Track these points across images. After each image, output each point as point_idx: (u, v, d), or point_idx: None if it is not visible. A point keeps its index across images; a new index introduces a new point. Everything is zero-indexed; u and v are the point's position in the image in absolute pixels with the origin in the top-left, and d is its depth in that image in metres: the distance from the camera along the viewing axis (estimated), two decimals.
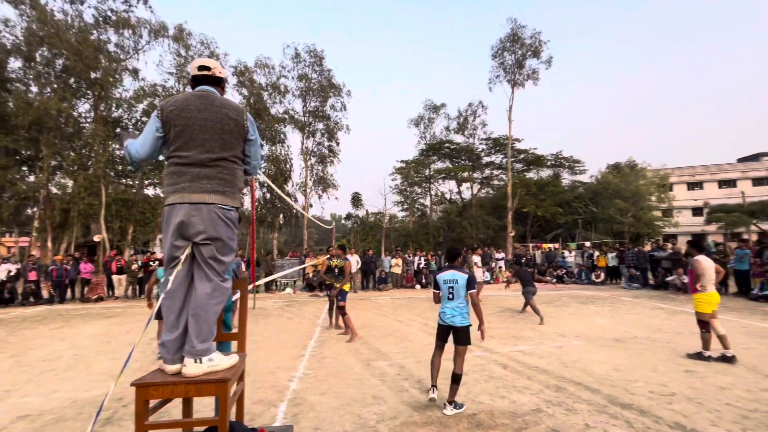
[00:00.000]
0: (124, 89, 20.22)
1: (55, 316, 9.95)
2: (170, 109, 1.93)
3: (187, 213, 1.88)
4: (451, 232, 26.24)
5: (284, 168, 23.61)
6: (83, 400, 4.12)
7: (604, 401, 3.83)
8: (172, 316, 1.93)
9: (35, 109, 16.24)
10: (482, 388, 4.27)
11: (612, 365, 4.98)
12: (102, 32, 19.30)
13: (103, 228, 18.11)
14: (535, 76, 23.99)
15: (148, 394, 1.75)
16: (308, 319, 8.89)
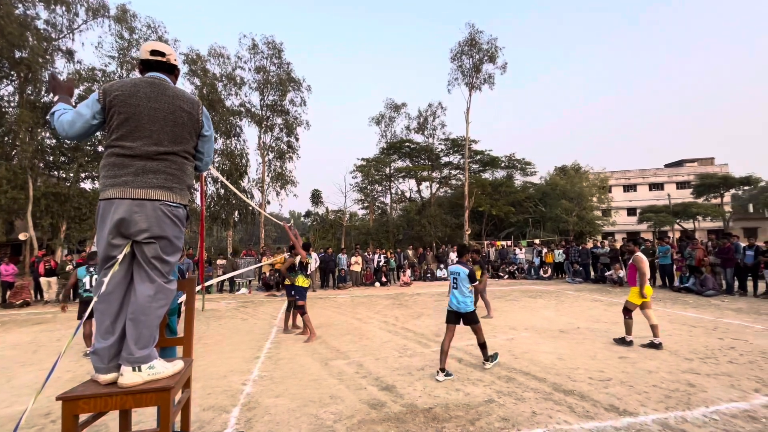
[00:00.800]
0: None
1: None
2: (115, 93, 1.76)
3: (129, 209, 1.72)
4: (411, 230, 26.65)
5: (240, 163, 22.59)
6: (4, 416, 3.68)
7: (550, 389, 4.08)
8: (107, 321, 1.76)
9: None
10: (437, 382, 4.37)
11: (557, 355, 5.32)
12: (29, 6, 17.29)
13: (31, 225, 16.29)
14: (491, 80, 24.97)
15: (77, 408, 1.59)
16: (264, 319, 8.61)
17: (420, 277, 16.99)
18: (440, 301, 10.79)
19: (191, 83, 21.65)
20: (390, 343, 6.22)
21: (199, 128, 1.92)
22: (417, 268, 17.36)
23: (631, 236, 23.62)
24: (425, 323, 7.74)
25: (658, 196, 39.11)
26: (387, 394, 4.07)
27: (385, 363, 5.14)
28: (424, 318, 8.31)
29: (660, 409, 3.53)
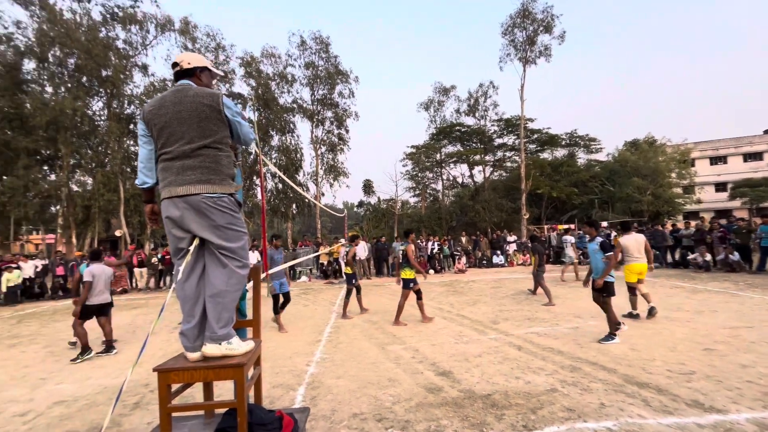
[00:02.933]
0: (134, 85, 20.51)
1: None
2: (148, 110, 1.99)
3: (178, 207, 1.92)
4: (464, 216, 26.08)
5: (295, 158, 23.68)
6: (113, 386, 4.33)
7: (621, 380, 3.81)
8: (187, 306, 2.00)
9: (51, 109, 16.64)
10: (497, 369, 4.30)
11: (629, 345, 4.94)
12: (110, 29, 19.48)
13: (123, 223, 18.66)
14: (548, 52, 23.21)
15: (169, 379, 1.83)
16: (323, 306, 9.05)
17: (475, 264, 16.63)
18: (497, 288, 10.50)
19: (247, 84, 22.99)
20: (445, 329, 6.22)
21: (224, 116, 2.02)
22: (472, 255, 17.00)
23: (720, 214, 20.87)
24: (481, 310, 7.59)
25: (755, 167, 33.83)
26: (444, 379, 4.09)
27: (441, 349, 5.16)
28: (480, 305, 8.16)
29: (756, 408, 3.14)
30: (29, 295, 12.59)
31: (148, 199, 2.13)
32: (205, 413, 2.26)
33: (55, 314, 9.79)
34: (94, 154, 19.36)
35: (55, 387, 4.42)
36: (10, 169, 17.20)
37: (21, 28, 18.01)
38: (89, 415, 3.60)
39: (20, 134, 17.18)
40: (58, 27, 17.30)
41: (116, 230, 19.69)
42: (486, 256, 16.74)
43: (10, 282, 11.81)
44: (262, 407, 2.15)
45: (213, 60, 21.95)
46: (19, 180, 16.62)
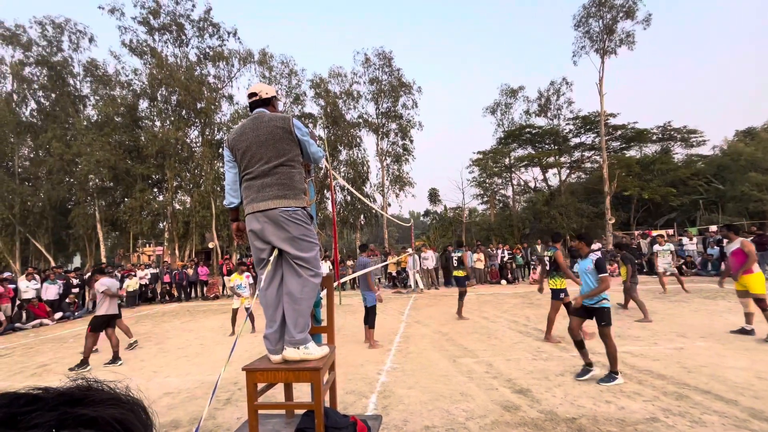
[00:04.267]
0: (222, 114, 23.19)
1: (185, 312, 11.84)
2: (232, 137, 2.26)
3: (259, 221, 2.13)
4: (539, 222, 24.44)
5: (362, 170, 24.53)
6: (209, 382, 4.84)
7: (744, 414, 3.20)
8: (269, 311, 2.18)
9: (159, 140, 19.59)
10: (582, 390, 3.90)
11: (754, 372, 4.13)
12: (203, 67, 22.39)
13: (215, 236, 21.01)
14: (630, 39, 21.00)
15: (255, 378, 1.99)
16: (392, 315, 9.11)
17: None
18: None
19: (317, 104, 24.54)
20: (521, 344, 5.84)
21: (295, 136, 2.22)
22: None
23: None
24: (563, 324, 6.97)
25: None
26: (521, 397, 3.83)
27: (518, 365, 4.84)
28: (560, 319, 7.50)
29: None
30: (144, 299, 14.75)
31: (234, 217, 2.39)
32: (286, 413, 2.40)
33: (163, 316, 11.30)
34: (192, 177, 22.21)
35: (164, 380, 5.07)
36: (130, 192, 20.52)
37: (137, 75, 21.62)
38: (190, 407, 4.06)
39: (137, 163, 20.46)
40: (164, 70, 20.39)
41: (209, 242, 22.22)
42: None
43: (130, 287, 13.97)
44: (337, 411, 2.23)
45: (287, 84, 23.90)
46: (137, 201, 19.74)
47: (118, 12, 20.36)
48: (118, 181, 20.88)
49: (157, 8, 20.53)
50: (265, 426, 2.24)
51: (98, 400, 0.29)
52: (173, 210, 21.24)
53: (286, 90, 23.78)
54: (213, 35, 22.32)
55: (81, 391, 0.30)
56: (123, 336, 6.80)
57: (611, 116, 24.49)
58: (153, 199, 21.55)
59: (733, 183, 21.99)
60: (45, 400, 0.27)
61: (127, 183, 20.78)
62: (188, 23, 21.55)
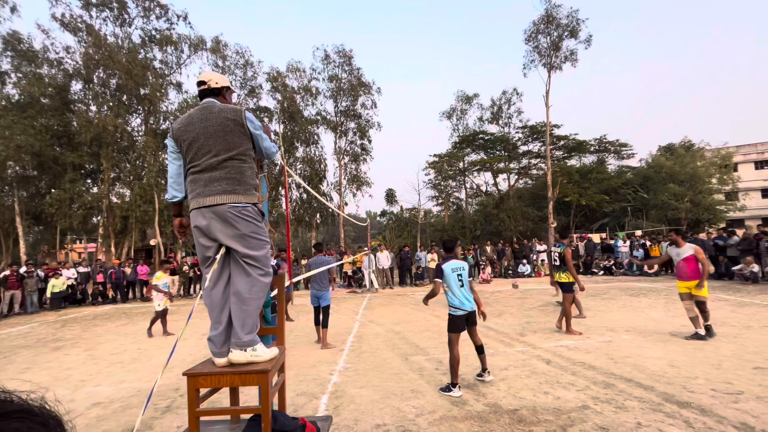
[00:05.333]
0: (169, 102, 21.65)
1: (120, 314, 10.90)
2: (177, 127, 2.12)
3: (205, 216, 2.02)
4: (489, 225, 25.62)
5: (319, 168, 24.14)
6: (146, 389, 4.50)
7: (659, 399, 3.60)
8: (214, 312, 2.07)
9: (95, 127, 17.80)
10: (524, 383, 4.15)
11: (667, 361, 4.65)
12: (148, 51, 20.74)
13: (158, 232, 19.55)
14: (573, 57, 22.69)
15: (198, 383, 1.89)
16: (346, 315, 9.08)
17: (500, 274, 16.25)
18: (523, 299, 10.19)
19: (273, 98, 23.77)
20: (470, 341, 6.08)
21: (247, 130, 2.13)
22: (497, 265, 16.62)
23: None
24: (507, 322, 7.38)
25: None
26: (468, 392, 4.00)
27: (466, 361, 5.03)
28: (506, 316, 7.94)
29: None
30: (72, 301, 13.35)
31: (177, 212, 2.24)
32: (231, 418, 2.31)
33: (95, 319, 10.32)
34: (132, 168, 20.48)
35: (94, 389, 4.64)
36: (58, 182, 18.46)
37: (70, 53, 19.51)
38: (123, 417, 3.76)
39: (67, 150, 18.46)
40: (102, 50, 18.58)
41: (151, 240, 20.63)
42: (511, 266, 16.33)
43: (56, 288, 12.58)
44: (286, 414, 2.18)
45: (242, 76, 22.88)
46: (66, 193, 17.78)
47: None
48: (43, 170, 18.70)
49: None
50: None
51: (3, 413, 0.26)
52: (110, 203, 19.46)
53: (240, 81, 22.77)
54: (160, 17, 20.79)
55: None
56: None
57: (556, 127, 26.37)
58: (86, 191, 19.62)
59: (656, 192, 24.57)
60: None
61: (54, 172, 18.69)
62: (132, 1, 19.87)
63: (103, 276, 13.97)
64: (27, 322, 10.30)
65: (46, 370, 5.57)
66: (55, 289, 12.56)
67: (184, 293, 14.42)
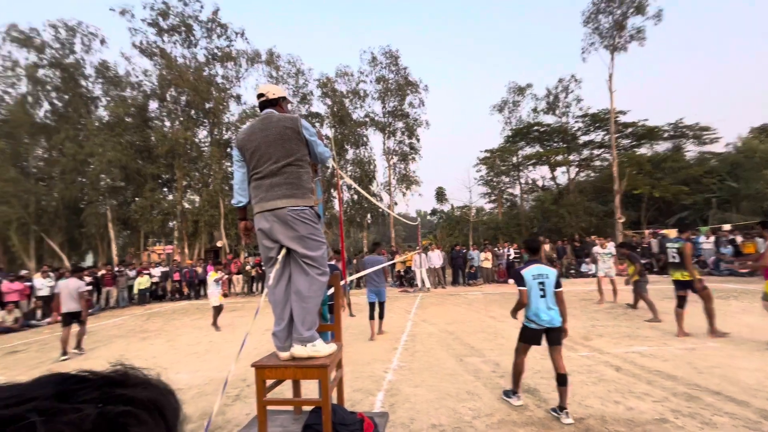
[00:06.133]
0: (230, 114, 23.37)
1: (194, 309, 11.99)
2: (241, 137, 2.29)
3: (268, 220, 2.16)
4: (547, 221, 24.23)
5: (368, 169, 24.54)
6: (218, 378, 4.91)
7: (756, 416, 3.16)
8: (278, 309, 2.21)
9: (169, 140, 19.83)
10: (590, 390, 3.88)
11: (766, 373, 4.06)
12: (212, 68, 22.58)
13: (223, 235, 21.21)
14: (641, 35, 20.69)
15: (264, 375, 2.03)
16: (399, 314, 9.13)
17: (562, 274, 15.31)
18: (586, 300, 9.50)
19: (324, 103, 24.61)
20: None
21: (302, 137, 2.25)
22: (557, 264, 15.67)
23: None
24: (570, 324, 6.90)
25: None
26: (530, 396, 3.83)
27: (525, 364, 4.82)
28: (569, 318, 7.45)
29: None
30: (154, 297, 14.97)
31: (242, 216, 2.42)
32: (294, 409, 2.44)
33: (173, 313, 11.47)
34: (200, 176, 22.43)
35: (175, 376, 5.16)
36: (141, 191, 20.80)
37: (147, 76, 21.90)
38: (200, 403, 4.13)
39: (147, 162, 20.75)
40: (173, 71, 20.60)
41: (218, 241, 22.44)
42: (573, 265, 15.29)
43: (141, 285, 14.19)
44: (344, 408, 2.25)
45: (294, 83, 24.00)
46: (147, 200, 19.99)
47: (128, 14, 20.63)
48: (129, 181, 21.18)
49: (166, 10, 20.76)
50: (274, 422, 2.28)
51: (135, 383, 0.34)
52: (183, 209, 21.48)
53: (293, 89, 23.89)
54: (221, 36, 22.50)
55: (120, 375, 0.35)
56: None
57: (621, 113, 24.17)
58: (163, 198, 21.82)
59: (748, 181, 21.53)
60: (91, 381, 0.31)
61: (137, 182, 21.08)
62: (197, 24, 21.74)
63: (179, 275, 15.47)
64: (119, 315, 11.74)
65: (137, 356, 6.29)
66: (141, 286, 14.16)
67: (247, 291, 15.48)
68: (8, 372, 6.05)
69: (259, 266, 14.75)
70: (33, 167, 21.90)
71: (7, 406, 0.26)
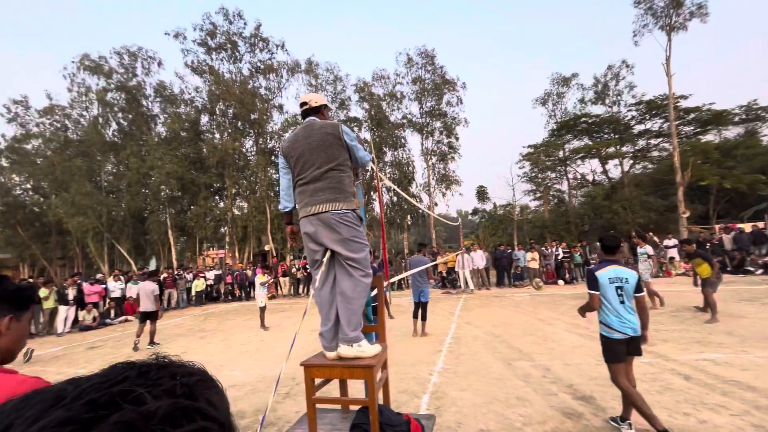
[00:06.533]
0: (273, 123, 24.48)
1: (245, 311, 12.64)
2: (286, 145, 2.38)
3: (313, 224, 2.23)
4: (599, 218, 22.75)
5: (407, 171, 24.52)
6: (270, 376, 5.14)
7: None
8: (324, 310, 2.27)
9: (219, 151, 21.22)
10: (655, 400, 3.58)
11: None
12: (255, 80, 23.82)
13: (270, 239, 22.20)
14: (702, 11, 18.84)
15: (313, 373, 2.09)
16: (442, 316, 9.01)
17: None
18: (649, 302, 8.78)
19: (362, 108, 24.98)
20: (583, 348, 5.48)
21: (344, 142, 2.30)
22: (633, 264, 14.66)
23: None
24: None
25: None
26: (585, 404, 3.61)
27: (579, 370, 4.56)
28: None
29: None
30: (209, 298, 15.99)
31: (288, 221, 2.53)
32: (342, 408, 2.49)
33: (227, 314, 12.18)
34: (248, 184, 23.70)
35: (230, 373, 5.47)
36: (195, 200, 22.39)
37: (198, 92, 23.59)
38: (253, 399, 4.35)
39: (200, 173, 22.30)
40: (221, 86, 22.00)
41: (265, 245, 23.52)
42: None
43: (198, 288, 15.22)
44: (391, 409, 2.26)
45: (332, 90, 24.62)
46: (201, 208, 21.50)
47: (181, 36, 22.37)
48: (184, 191, 22.88)
49: (214, 29, 22.27)
50: (323, 420, 2.34)
51: (187, 372, 0.39)
52: (233, 215, 22.79)
53: (331, 96, 24.50)
54: (263, 49, 23.66)
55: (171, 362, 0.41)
56: None
57: (681, 98, 22.11)
58: (215, 206, 23.29)
59: None
60: (156, 364, 0.38)
61: (192, 192, 22.70)
62: (241, 41, 23.06)
63: (231, 277, 16.41)
64: (179, 316, 12.66)
65: (196, 354, 6.75)
66: (198, 289, 15.20)
67: (293, 293, 16.05)
68: (89, 365, 6.74)
69: (305, 269, 15.26)
70: (104, 181, 24.36)
71: (112, 385, 0.32)
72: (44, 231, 26.13)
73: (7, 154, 25.26)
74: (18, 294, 1.04)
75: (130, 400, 0.30)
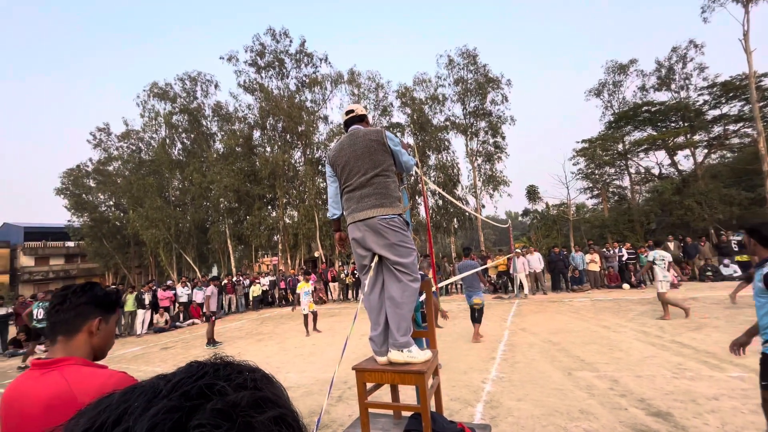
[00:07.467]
0: (319, 134, 25.41)
1: (298, 315, 13.13)
2: (332, 154, 2.43)
3: (360, 229, 2.26)
4: (668, 215, 20.68)
5: (452, 173, 24.14)
6: (323, 379, 5.27)
7: None
8: (373, 315, 2.28)
9: (270, 164, 22.49)
10: (747, 420, 3.15)
11: None
12: (301, 94, 24.95)
13: (319, 246, 22.95)
14: None
15: (364, 378, 2.10)
16: (494, 321, 8.68)
17: (695, 277, 12.86)
18: (732, 308, 7.77)
19: (404, 113, 25.09)
20: (655, 358, 4.98)
21: (388, 148, 2.32)
22: (686, 265, 13.23)
23: None
24: (712, 338, 5.76)
25: None
26: (661, 421, 3.26)
27: (652, 383, 4.14)
28: (708, 330, 6.20)
29: None
30: (265, 303, 16.84)
31: (337, 227, 2.59)
32: (394, 414, 2.47)
33: (281, 318, 12.74)
34: (297, 193, 24.79)
35: (286, 375, 5.70)
36: (250, 211, 23.85)
37: (250, 109, 25.23)
38: (308, 401, 4.48)
39: (254, 185, 23.75)
40: (270, 102, 23.35)
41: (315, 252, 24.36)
42: (711, 266, 12.71)
43: (255, 293, 16.11)
44: (444, 417, 2.21)
45: (374, 98, 25.03)
46: (256, 218, 22.85)
47: (234, 59, 24.10)
48: (241, 202, 24.47)
49: (263, 49, 23.75)
50: (375, 424, 2.34)
51: (256, 368, 0.44)
52: (284, 224, 23.91)
53: (373, 103, 24.89)
54: (308, 64, 24.76)
55: (240, 362, 0.45)
56: None
57: (764, 77, 19.54)
58: (268, 215, 24.62)
59: None
60: (224, 363, 0.42)
61: (247, 203, 24.22)
62: (287, 57, 24.34)
63: (284, 283, 17.16)
64: (239, 319, 13.47)
65: (254, 357, 7.13)
66: (254, 294, 16.08)
67: (343, 298, 16.40)
68: (163, 364, 7.39)
69: (353, 274, 15.55)
70: (172, 196, 26.80)
71: (197, 379, 0.36)
72: (124, 242, 29.44)
73: (94, 175, 28.93)
74: (106, 298, 1.17)
75: (215, 392, 0.35)
